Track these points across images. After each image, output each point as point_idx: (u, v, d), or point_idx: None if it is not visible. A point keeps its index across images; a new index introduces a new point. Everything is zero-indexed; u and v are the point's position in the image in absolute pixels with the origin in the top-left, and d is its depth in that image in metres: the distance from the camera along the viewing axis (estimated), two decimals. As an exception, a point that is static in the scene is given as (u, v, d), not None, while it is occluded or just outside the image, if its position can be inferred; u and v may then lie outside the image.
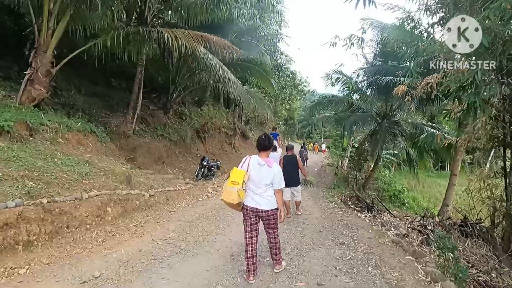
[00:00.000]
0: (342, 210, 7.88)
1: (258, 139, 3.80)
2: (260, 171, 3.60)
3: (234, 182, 3.49)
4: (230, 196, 3.46)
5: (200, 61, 11.42)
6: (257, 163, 3.63)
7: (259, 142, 3.75)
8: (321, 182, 13.82)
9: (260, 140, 3.75)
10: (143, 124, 12.59)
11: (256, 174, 3.59)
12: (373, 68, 14.52)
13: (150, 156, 11.49)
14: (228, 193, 3.48)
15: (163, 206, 7.16)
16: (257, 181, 3.59)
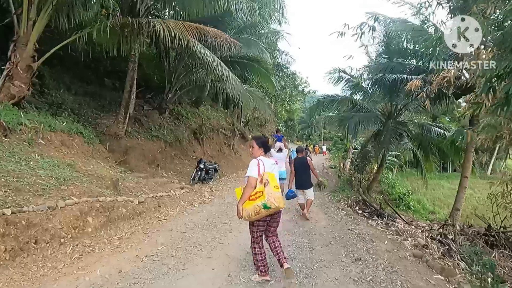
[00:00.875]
0: (351, 217, 7.20)
1: (261, 139, 3.66)
2: (274, 170, 3.52)
3: (276, 187, 3.33)
4: (281, 201, 3.29)
5: (196, 58, 10.81)
6: (270, 163, 3.54)
7: (266, 143, 3.63)
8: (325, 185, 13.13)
9: (265, 140, 3.67)
10: (137, 125, 11.91)
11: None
12: (377, 66, 13.86)
13: (143, 159, 10.82)
14: (279, 199, 3.27)
15: (154, 213, 6.47)
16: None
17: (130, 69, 10.36)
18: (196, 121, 15.43)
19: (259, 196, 3.21)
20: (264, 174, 3.32)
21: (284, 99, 28.01)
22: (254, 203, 3.20)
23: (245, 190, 3.30)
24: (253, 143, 3.61)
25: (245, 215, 3.27)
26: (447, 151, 14.38)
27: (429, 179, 33.62)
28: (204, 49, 10.24)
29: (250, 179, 3.30)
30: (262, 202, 3.15)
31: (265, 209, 3.17)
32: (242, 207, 3.29)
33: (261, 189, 3.22)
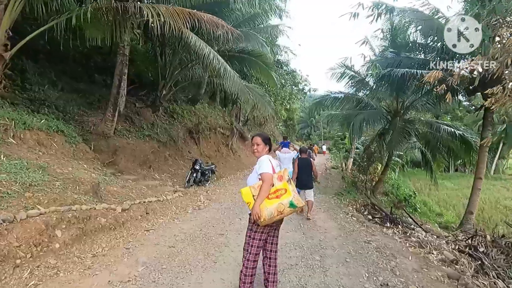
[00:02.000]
0: (363, 225, 6.41)
1: (266, 135, 3.32)
2: (279, 169, 3.26)
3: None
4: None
5: (191, 51, 9.99)
6: (276, 163, 3.28)
7: (270, 140, 3.29)
8: (329, 187, 12.33)
9: (269, 137, 3.32)
10: (127, 123, 11.09)
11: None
12: (384, 61, 13.09)
13: (134, 159, 10.02)
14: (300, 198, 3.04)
15: (140, 222, 5.66)
16: None
17: (119, 62, 9.54)
18: (192, 120, 14.63)
19: (283, 194, 2.92)
20: (284, 171, 3.07)
21: (284, 97, 27.21)
22: (277, 201, 2.89)
23: (263, 187, 2.91)
24: (258, 140, 3.20)
25: (265, 216, 2.84)
26: (457, 151, 13.58)
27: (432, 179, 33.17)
28: (200, 41, 9.47)
29: (266, 176, 2.95)
30: (288, 199, 2.87)
31: (290, 208, 2.89)
32: (261, 207, 2.87)
33: (285, 186, 2.95)
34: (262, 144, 3.16)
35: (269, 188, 2.92)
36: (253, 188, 3.01)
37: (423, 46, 12.42)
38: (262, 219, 2.85)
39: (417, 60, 12.30)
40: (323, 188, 11.90)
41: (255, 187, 3.00)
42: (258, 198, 2.89)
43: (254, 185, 3.02)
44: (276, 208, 2.85)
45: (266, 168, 2.98)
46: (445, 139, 13.37)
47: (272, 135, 31.73)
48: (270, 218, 2.87)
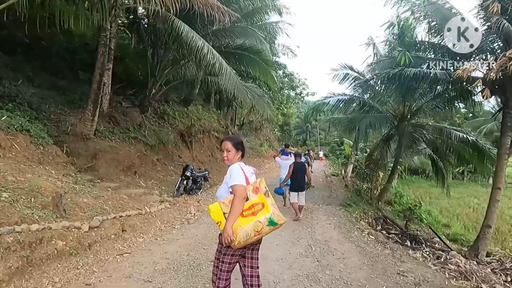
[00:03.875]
0: (386, 246, 5.35)
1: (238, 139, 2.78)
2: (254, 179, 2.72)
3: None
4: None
5: (183, 42, 8.96)
6: (250, 171, 2.71)
7: (242, 144, 2.77)
8: (334, 197, 11.26)
9: (241, 141, 2.79)
10: (111, 124, 9.99)
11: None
12: (391, 61, 12.16)
13: (117, 164, 8.92)
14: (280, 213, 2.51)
15: (113, 243, 4.56)
16: None
17: (100, 54, 8.44)
18: (185, 122, 13.55)
19: (260, 210, 2.45)
20: (260, 182, 2.57)
21: (281, 101, 26.30)
22: (254, 219, 2.41)
23: (234, 203, 2.40)
24: (228, 145, 2.67)
25: (240, 238, 2.35)
26: (469, 158, 12.62)
27: (431, 187, 32.49)
28: (193, 32, 8.51)
29: (238, 188, 2.43)
30: (266, 216, 2.41)
31: (269, 226, 2.43)
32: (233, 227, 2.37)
33: (261, 199, 2.48)
34: (233, 150, 2.65)
35: (243, 203, 2.43)
36: (223, 204, 2.48)
37: (434, 45, 11.52)
38: (237, 242, 2.35)
39: (428, 59, 11.40)
40: (327, 198, 10.87)
41: (226, 202, 2.48)
42: (230, 216, 2.39)
43: (224, 200, 2.51)
44: (253, 228, 2.36)
45: (238, 179, 2.47)
46: (456, 146, 12.42)
47: (268, 140, 30.82)
48: (246, 239, 2.37)
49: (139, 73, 13.71)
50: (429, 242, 6.39)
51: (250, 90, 11.37)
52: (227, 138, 2.79)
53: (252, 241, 2.44)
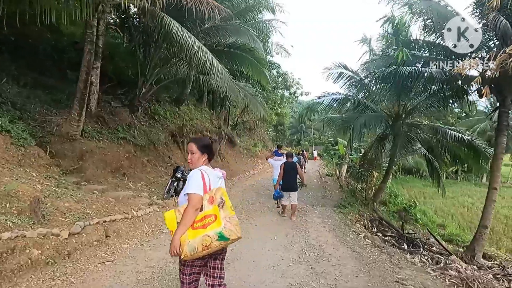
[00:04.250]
0: (383, 250, 5.14)
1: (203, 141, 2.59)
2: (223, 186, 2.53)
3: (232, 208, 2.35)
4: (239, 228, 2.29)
5: (173, 40, 8.71)
6: (216, 176, 2.53)
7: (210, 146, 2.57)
8: (328, 198, 11.07)
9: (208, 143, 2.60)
10: (99, 124, 9.67)
11: None
12: (386, 59, 12.00)
13: (105, 166, 8.62)
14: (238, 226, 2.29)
15: (95, 250, 4.29)
16: None
17: (86, 52, 8.13)
18: (176, 122, 13.26)
19: (211, 222, 2.24)
20: (216, 191, 2.33)
21: (275, 101, 26.07)
22: (203, 232, 2.21)
23: (185, 214, 2.24)
24: (193, 148, 2.52)
25: (187, 252, 2.18)
26: (464, 158, 12.49)
27: (426, 186, 32.55)
28: (183, 30, 8.25)
29: (192, 198, 2.26)
30: (216, 231, 2.20)
31: (220, 241, 2.21)
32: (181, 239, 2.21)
33: (214, 211, 2.26)
34: (198, 153, 2.49)
35: (195, 214, 2.24)
36: (178, 212, 2.33)
37: (429, 43, 11.37)
38: (183, 255, 2.21)
39: (423, 57, 11.27)
40: (321, 199, 10.67)
41: (181, 210, 2.32)
42: (179, 226, 2.24)
43: (180, 208, 2.35)
44: (201, 242, 2.18)
45: (193, 187, 2.29)
46: (451, 146, 12.30)
47: (262, 140, 30.61)
48: (192, 254, 2.19)
49: (130, 72, 13.40)
50: (427, 245, 6.20)
51: (243, 89, 11.12)
52: (192, 139, 2.65)
53: (203, 255, 2.26)
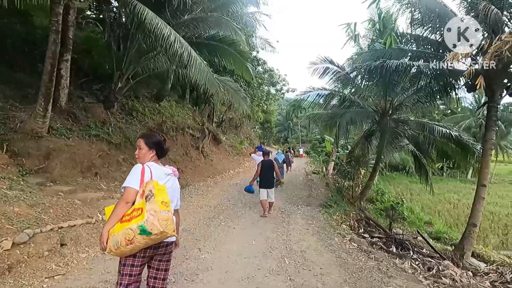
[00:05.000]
0: (370, 256, 4.71)
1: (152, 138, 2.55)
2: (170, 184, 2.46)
3: (165, 204, 2.17)
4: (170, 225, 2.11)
5: (146, 30, 8.14)
6: (163, 172, 2.45)
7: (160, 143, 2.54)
8: (313, 197, 10.64)
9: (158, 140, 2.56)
10: (70, 121, 9.04)
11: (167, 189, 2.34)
12: (373, 53, 11.64)
13: (74, 165, 8.01)
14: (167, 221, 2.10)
15: (46, 262, 3.76)
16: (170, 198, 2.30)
17: (51, 42, 7.51)
18: (156, 119, 12.68)
19: (136, 216, 2.09)
20: (148, 183, 2.22)
21: (261, 97, 25.60)
22: (126, 225, 2.07)
23: (115, 207, 2.22)
24: (140, 143, 2.49)
25: (111, 245, 2.09)
26: (451, 154, 12.25)
27: (412, 183, 32.63)
28: (158, 18, 7.69)
29: (125, 191, 2.24)
30: (139, 224, 2.03)
31: (142, 236, 2.04)
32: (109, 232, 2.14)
33: (142, 205, 2.12)
34: (145, 148, 2.47)
35: (125, 208, 2.20)
36: None
37: (417, 37, 11.07)
38: (107, 250, 2.15)
39: (410, 51, 10.97)
40: (306, 198, 10.25)
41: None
42: (108, 220, 2.22)
43: None
44: (123, 235, 2.08)
45: (129, 181, 2.30)
46: (438, 142, 12.04)
47: (248, 138, 30.15)
48: (116, 248, 2.11)
49: (108, 67, 12.77)
50: (416, 247, 5.83)
51: (224, 83, 10.60)
52: (141, 135, 2.63)
53: (127, 251, 2.14)
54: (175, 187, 2.56)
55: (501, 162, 41.38)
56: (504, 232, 16.99)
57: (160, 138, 2.60)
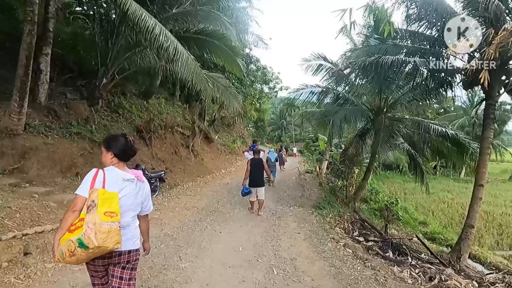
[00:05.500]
0: (366, 264, 4.34)
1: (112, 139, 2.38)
2: (129, 191, 2.29)
3: (111, 214, 2.07)
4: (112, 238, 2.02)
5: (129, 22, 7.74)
6: (121, 178, 2.27)
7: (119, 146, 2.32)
8: (306, 197, 10.25)
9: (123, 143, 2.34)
10: (50, 118, 8.58)
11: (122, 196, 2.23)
12: (367, 49, 11.32)
13: (53, 165, 7.59)
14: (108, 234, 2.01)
15: (5, 274, 3.35)
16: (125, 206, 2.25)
17: (26, 34, 7.06)
18: (143, 116, 12.22)
19: (79, 227, 2.02)
20: (93, 192, 2.10)
21: (254, 95, 25.20)
22: (69, 237, 2.01)
23: (65, 215, 2.13)
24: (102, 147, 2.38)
25: (57, 255, 2.04)
26: (447, 153, 11.95)
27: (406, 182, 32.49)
28: (142, 10, 7.25)
29: (74, 199, 2.17)
30: (77, 236, 1.96)
31: (82, 249, 1.95)
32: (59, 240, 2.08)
33: (83, 215, 2.05)
34: (104, 151, 2.34)
35: (72, 216, 2.08)
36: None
37: (412, 33, 10.77)
38: (56, 258, 2.06)
39: (405, 47, 10.67)
40: (299, 198, 9.86)
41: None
42: (59, 227, 2.13)
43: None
44: (67, 247, 1.97)
45: (80, 188, 2.16)
46: (434, 140, 11.74)
47: (241, 136, 29.75)
48: (62, 258, 2.02)
49: (93, 63, 12.30)
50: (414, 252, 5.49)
51: (214, 79, 10.19)
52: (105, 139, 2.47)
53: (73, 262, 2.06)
54: (138, 193, 2.36)
55: (493, 161, 41.38)
56: (498, 232, 16.78)
57: (123, 140, 2.39)
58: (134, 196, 2.33)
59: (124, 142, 2.37)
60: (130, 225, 2.36)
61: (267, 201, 8.83)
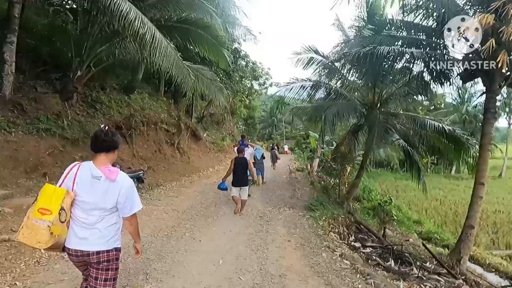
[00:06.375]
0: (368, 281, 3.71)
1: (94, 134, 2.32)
2: (94, 189, 2.20)
3: (44, 211, 2.03)
4: (35, 236, 1.99)
5: (100, 4, 7.00)
6: (90, 175, 2.20)
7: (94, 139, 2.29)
8: (298, 197, 9.62)
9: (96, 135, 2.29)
10: (15, 113, 7.79)
11: (87, 194, 2.19)
12: (361, 40, 10.77)
13: (16, 164, 6.86)
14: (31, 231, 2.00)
15: None
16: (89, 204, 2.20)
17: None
18: (123, 112, 11.45)
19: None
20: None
21: (243, 92, 24.53)
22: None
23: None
24: None
25: None
26: (443, 149, 11.47)
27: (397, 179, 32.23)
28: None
29: None
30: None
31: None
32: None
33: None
34: None
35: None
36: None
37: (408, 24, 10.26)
38: None
39: (401, 38, 10.15)
40: (289, 199, 9.23)
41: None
42: None
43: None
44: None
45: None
46: (430, 136, 11.22)
47: (231, 134, 29.13)
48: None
49: (70, 55, 11.49)
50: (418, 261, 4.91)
51: (197, 71, 9.49)
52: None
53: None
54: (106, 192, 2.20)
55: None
56: (493, 230, 16.47)
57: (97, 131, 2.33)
58: (101, 195, 2.20)
59: (97, 136, 2.27)
60: (96, 224, 2.24)
61: (255, 202, 8.18)
